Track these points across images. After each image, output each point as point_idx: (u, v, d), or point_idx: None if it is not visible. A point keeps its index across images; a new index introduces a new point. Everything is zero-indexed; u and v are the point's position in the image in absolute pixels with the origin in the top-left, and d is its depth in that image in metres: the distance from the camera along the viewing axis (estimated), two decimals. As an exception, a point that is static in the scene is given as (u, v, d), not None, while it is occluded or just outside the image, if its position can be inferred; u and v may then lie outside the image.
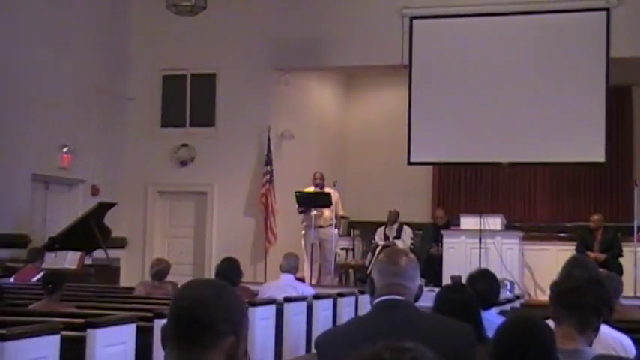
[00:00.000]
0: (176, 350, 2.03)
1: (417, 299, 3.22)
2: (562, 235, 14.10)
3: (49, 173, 13.19)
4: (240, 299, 2.13)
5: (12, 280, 10.45)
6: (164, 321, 5.75)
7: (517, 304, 10.45)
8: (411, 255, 3.29)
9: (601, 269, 7.46)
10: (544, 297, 12.02)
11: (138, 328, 5.75)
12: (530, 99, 13.28)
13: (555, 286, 3.44)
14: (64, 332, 5.00)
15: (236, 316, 2.05)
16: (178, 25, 13.77)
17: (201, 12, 12.22)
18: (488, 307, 4.77)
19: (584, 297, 3.32)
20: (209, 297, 2.04)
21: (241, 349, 2.07)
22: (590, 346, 3.32)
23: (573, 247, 12.12)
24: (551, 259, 12.42)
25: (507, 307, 8.98)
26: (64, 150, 13.37)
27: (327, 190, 13.09)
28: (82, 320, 5.41)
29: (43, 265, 10.86)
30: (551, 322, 3.26)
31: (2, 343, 4.47)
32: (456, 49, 13.67)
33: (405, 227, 13.73)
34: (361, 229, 15.31)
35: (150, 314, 5.97)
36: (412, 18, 13.82)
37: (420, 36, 13.79)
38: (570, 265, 5.21)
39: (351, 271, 14.53)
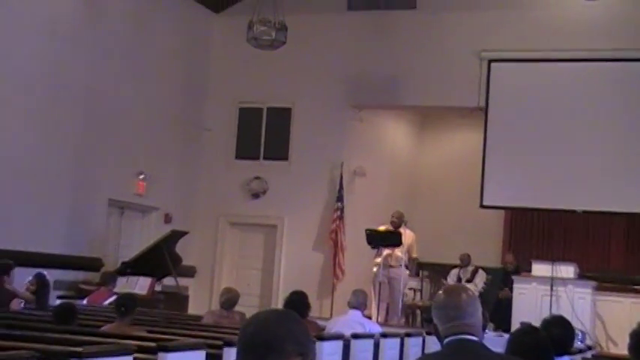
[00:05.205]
0: None
1: (484, 328, 3.19)
2: (636, 287, 13.74)
3: (125, 199, 13.43)
4: (304, 324, 2.15)
5: (85, 302, 10.64)
6: (234, 349, 5.74)
7: (589, 355, 10.21)
8: (468, 292, 3.18)
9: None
10: (616, 350, 11.78)
11: (207, 355, 5.78)
12: (607, 146, 13.08)
13: (635, 335, 3.37)
14: (136, 354, 5.06)
15: (302, 338, 2.07)
16: (257, 59, 13.97)
17: (280, 47, 12.40)
18: (560, 355, 4.67)
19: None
20: (274, 320, 2.08)
21: None
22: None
23: (648, 300, 11.84)
24: (624, 312, 12.16)
25: (578, 357, 8.77)
26: (141, 177, 13.62)
27: (401, 230, 12.97)
28: (153, 344, 5.46)
29: (115, 289, 11.04)
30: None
31: (77, 361, 4.55)
32: (533, 94, 13.57)
33: (480, 271, 13.54)
34: (430, 270, 15.18)
35: (219, 342, 6.00)
36: (490, 61, 13.78)
37: (497, 79, 13.73)
38: (650, 316, 5.09)
39: (417, 311, 14.39)
